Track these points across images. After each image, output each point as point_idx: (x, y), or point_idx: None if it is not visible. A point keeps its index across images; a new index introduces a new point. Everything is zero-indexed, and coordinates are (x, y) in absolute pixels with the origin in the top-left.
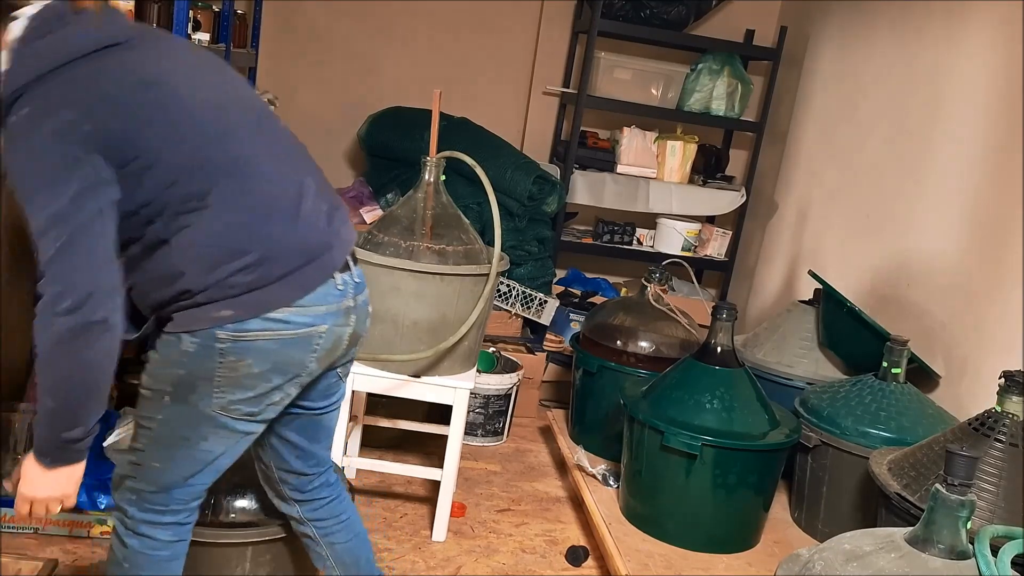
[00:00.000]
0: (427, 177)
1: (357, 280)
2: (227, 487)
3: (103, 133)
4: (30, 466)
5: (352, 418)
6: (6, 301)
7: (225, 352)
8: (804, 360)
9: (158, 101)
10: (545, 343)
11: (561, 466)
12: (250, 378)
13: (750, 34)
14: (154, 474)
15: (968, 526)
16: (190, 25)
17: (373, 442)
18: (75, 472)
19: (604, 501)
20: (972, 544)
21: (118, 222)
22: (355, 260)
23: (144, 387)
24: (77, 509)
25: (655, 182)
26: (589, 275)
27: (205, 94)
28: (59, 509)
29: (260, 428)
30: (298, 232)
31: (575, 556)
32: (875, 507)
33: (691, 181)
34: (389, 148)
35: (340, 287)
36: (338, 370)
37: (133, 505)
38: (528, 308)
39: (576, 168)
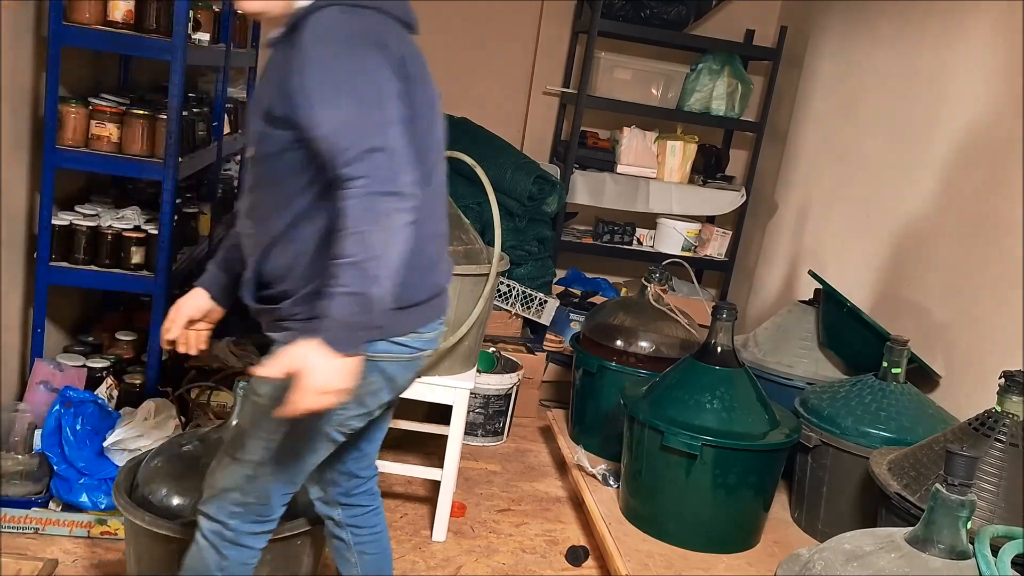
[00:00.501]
0: None
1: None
2: None
3: (408, 87)
4: (318, 359)
5: None
6: (6, 300)
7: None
8: (804, 360)
9: (431, 97)
10: (545, 343)
11: (561, 466)
12: (369, 395)
13: (750, 34)
14: (265, 487)
15: (968, 526)
16: (191, 25)
17: None
18: (358, 364)
19: (604, 501)
20: (972, 544)
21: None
22: None
23: (268, 402)
24: (78, 508)
25: (655, 182)
26: (589, 275)
27: (441, 117)
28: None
29: None
30: (434, 271)
31: (575, 556)
32: (875, 507)
33: (691, 181)
34: None
35: (442, 318)
36: None
37: (236, 518)
38: (528, 308)
39: (576, 168)
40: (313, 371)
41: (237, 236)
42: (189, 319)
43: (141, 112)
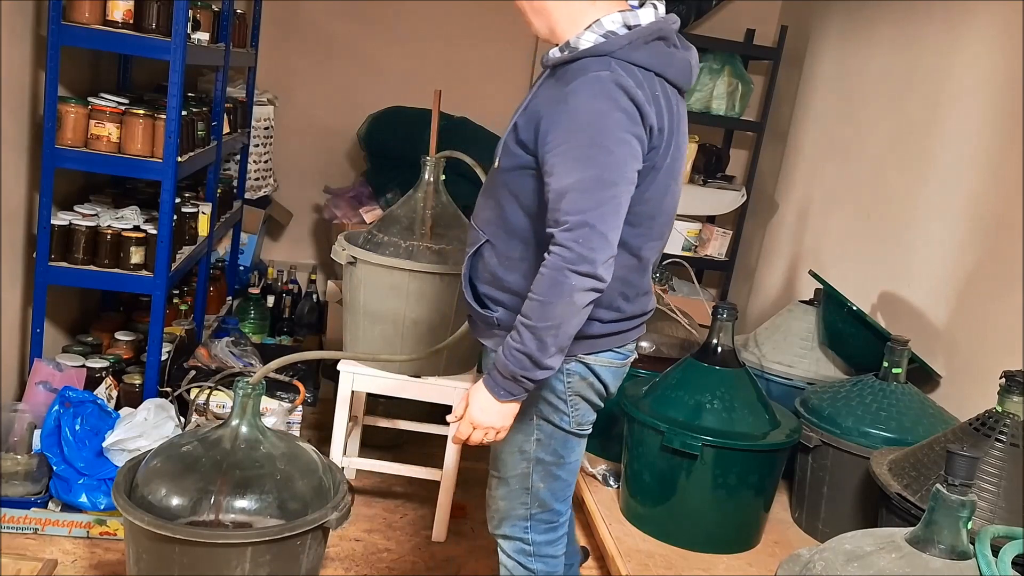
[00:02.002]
0: (427, 177)
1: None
2: (227, 487)
3: (654, 155)
4: (482, 397)
5: (352, 418)
6: (5, 300)
7: (578, 374)
8: (804, 360)
9: (674, 165)
10: None
11: None
12: (595, 396)
13: (750, 34)
14: (539, 495)
15: (969, 526)
16: (190, 25)
17: (373, 442)
18: (516, 408)
19: (604, 501)
20: (973, 544)
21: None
22: None
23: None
24: (77, 509)
25: None
26: None
27: (679, 182)
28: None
29: None
30: (640, 302)
31: None
32: (876, 507)
33: (691, 181)
34: (389, 148)
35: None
36: None
37: (530, 531)
38: None
39: None
40: (474, 408)
41: None
42: None
43: (140, 112)
